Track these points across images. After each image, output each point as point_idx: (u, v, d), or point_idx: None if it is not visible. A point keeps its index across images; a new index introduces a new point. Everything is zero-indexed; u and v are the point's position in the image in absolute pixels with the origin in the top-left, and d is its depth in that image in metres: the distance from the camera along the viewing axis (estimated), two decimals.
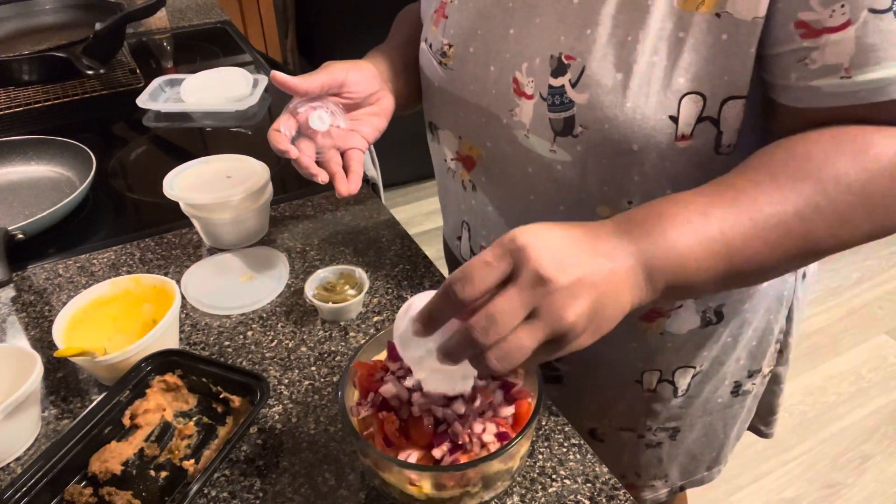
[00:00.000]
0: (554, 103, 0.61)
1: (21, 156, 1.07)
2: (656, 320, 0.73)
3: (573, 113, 0.59)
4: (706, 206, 0.50)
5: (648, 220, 0.49)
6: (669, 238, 0.48)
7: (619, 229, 0.49)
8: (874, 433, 1.86)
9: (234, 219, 0.86)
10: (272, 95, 1.30)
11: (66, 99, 1.30)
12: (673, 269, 0.48)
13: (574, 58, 0.58)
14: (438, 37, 0.71)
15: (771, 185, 0.51)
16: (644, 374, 0.79)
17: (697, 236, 0.49)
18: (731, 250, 0.49)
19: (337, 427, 0.66)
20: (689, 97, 0.56)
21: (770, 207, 0.50)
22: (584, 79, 0.58)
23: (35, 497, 0.57)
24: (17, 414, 0.62)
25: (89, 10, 1.49)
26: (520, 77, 0.63)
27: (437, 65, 0.72)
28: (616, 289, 0.46)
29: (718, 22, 0.53)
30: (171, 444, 0.63)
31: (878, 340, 2.14)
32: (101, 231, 0.96)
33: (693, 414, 0.84)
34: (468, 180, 0.76)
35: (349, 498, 0.59)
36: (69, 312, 0.71)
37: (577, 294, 0.44)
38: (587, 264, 0.45)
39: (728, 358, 0.80)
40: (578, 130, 0.60)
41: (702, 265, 0.49)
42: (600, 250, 0.47)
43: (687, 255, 0.48)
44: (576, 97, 0.59)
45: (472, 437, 0.54)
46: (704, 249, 0.49)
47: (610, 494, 0.59)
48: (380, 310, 0.79)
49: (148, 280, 0.75)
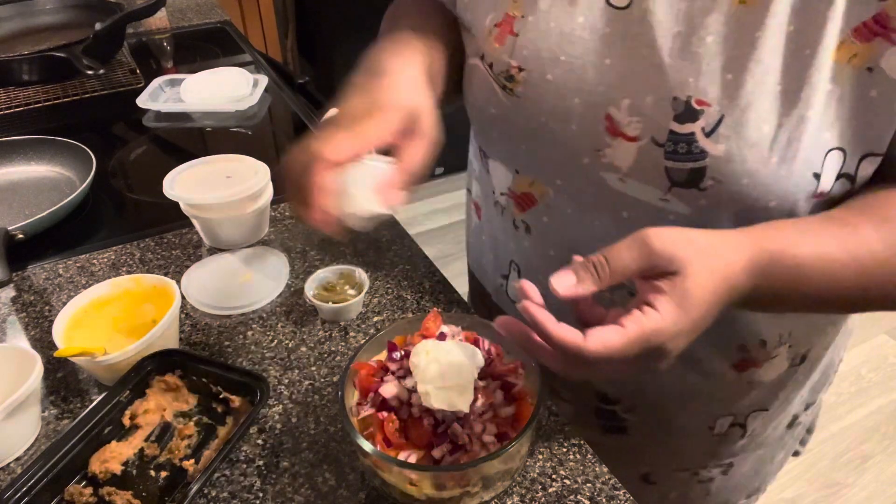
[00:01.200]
0: (677, 151, 0.54)
1: (21, 156, 1.07)
2: (748, 370, 0.69)
3: (705, 164, 0.53)
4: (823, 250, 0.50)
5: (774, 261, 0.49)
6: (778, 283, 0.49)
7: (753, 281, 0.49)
8: (874, 433, 1.86)
9: (234, 219, 0.86)
10: (272, 96, 1.30)
11: (66, 99, 1.30)
12: (770, 306, 0.52)
13: (709, 104, 0.52)
14: (504, 58, 0.61)
15: (884, 230, 0.51)
16: (718, 420, 0.75)
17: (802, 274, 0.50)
18: (830, 293, 0.51)
19: (337, 427, 0.66)
20: (832, 153, 0.52)
21: (883, 250, 0.50)
22: (721, 128, 0.52)
23: (35, 497, 0.57)
24: (17, 414, 0.62)
25: (89, 10, 1.49)
26: (615, 114, 0.56)
27: (498, 88, 0.63)
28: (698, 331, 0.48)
29: (869, 77, 0.49)
30: (171, 444, 0.63)
31: (878, 340, 2.14)
32: (101, 231, 0.96)
33: (749, 449, 0.81)
34: (520, 220, 0.70)
35: (349, 498, 0.59)
36: (69, 312, 0.71)
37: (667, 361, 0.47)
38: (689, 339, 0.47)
39: (796, 396, 0.77)
40: (708, 183, 0.54)
41: (793, 296, 0.51)
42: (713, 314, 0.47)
43: (785, 296, 0.51)
44: (709, 148, 0.52)
45: (472, 437, 0.54)
46: (801, 285, 0.50)
47: (610, 494, 0.59)
48: (380, 310, 0.79)
49: (148, 280, 0.75)
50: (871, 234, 0.50)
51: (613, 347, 0.44)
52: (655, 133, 0.55)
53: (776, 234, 0.50)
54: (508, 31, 0.61)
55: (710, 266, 0.46)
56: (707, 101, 0.52)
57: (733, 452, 0.80)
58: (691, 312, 0.45)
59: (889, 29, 0.48)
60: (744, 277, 0.47)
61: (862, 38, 0.49)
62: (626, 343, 0.44)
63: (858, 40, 0.49)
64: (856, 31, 0.49)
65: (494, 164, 0.71)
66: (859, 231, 0.50)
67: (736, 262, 0.47)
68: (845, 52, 0.49)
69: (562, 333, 0.44)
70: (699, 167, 0.53)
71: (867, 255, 0.50)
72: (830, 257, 0.50)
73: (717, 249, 0.47)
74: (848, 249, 0.50)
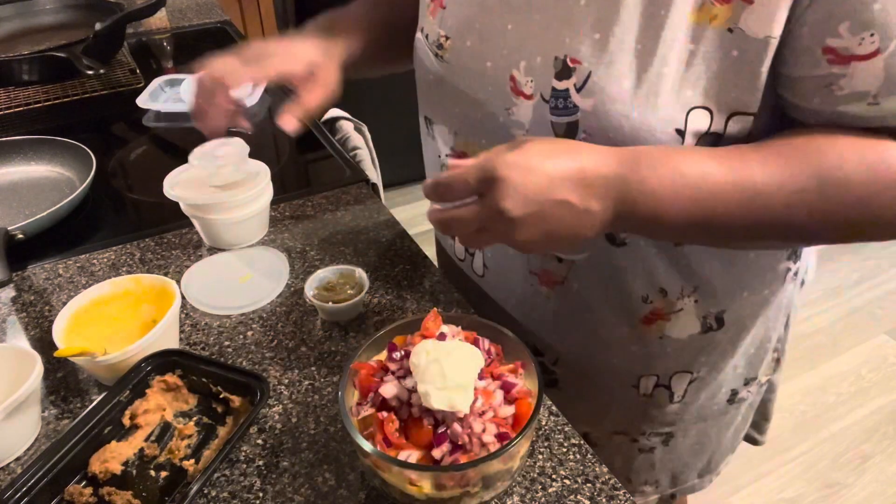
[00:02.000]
0: (557, 107, 0.59)
1: (21, 156, 1.07)
2: (655, 323, 0.72)
3: (577, 118, 0.58)
4: (704, 158, 0.53)
5: (645, 169, 0.52)
6: (657, 191, 0.52)
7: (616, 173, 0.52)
8: (874, 433, 1.86)
9: (234, 219, 0.86)
10: (272, 96, 1.30)
11: (66, 99, 1.30)
12: (651, 214, 0.53)
13: (580, 62, 0.57)
14: (435, 28, 0.70)
15: (772, 162, 0.52)
16: (641, 378, 0.78)
17: (681, 179, 0.52)
18: (712, 213, 0.53)
19: (337, 427, 0.66)
20: (696, 111, 0.55)
21: (761, 179, 0.52)
22: (589, 84, 0.57)
23: (35, 497, 0.57)
24: (17, 414, 0.62)
25: (89, 10, 1.49)
26: (517, 75, 0.62)
27: (432, 57, 0.71)
28: (574, 224, 0.52)
29: (730, 37, 0.52)
30: (171, 444, 0.63)
31: (877, 340, 2.14)
32: (101, 231, 0.96)
33: (688, 420, 0.83)
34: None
35: (349, 498, 0.59)
36: (69, 312, 0.71)
37: (527, 223, 0.51)
38: (550, 206, 0.51)
39: (726, 365, 0.79)
40: (582, 136, 0.59)
41: (678, 217, 0.53)
42: (577, 192, 0.51)
43: (667, 207, 0.52)
44: (580, 102, 0.58)
45: (472, 437, 0.54)
46: (685, 207, 0.52)
47: (610, 494, 0.59)
48: (380, 310, 0.79)
49: (148, 280, 0.75)
50: (757, 167, 0.53)
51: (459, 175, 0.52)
52: (543, 91, 0.60)
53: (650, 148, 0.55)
54: (440, 5, 0.69)
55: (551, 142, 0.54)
56: (578, 59, 0.57)
57: (668, 420, 0.83)
58: (524, 148, 0.51)
59: None
60: (597, 154, 0.52)
61: (721, 0, 0.52)
62: (468, 169, 0.52)
63: (718, 2, 0.52)
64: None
65: (439, 127, 0.76)
66: (745, 158, 0.53)
67: (585, 144, 0.54)
68: (705, 13, 0.53)
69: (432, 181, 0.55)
70: (573, 121, 0.59)
71: (748, 181, 0.52)
72: (712, 173, 0.52)
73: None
74: (732, 169, 0.52)
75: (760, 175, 0.52)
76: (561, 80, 0.59)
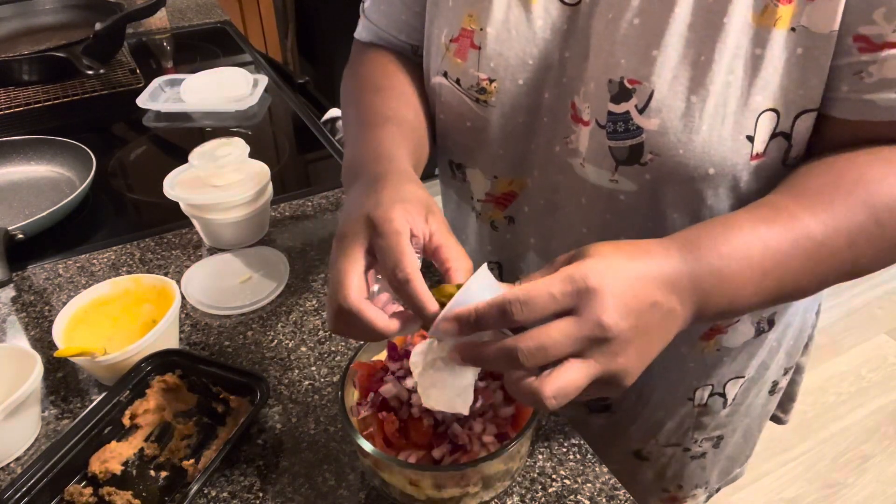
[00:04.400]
0: (616, 131, 0.56)
1: (21, 156, 1.07)
2: (714, 338, 0.71)
3: (641, 140, 0.56)
4: (756, 224, 0.50)
5: (710, 255, 0.48)
6: (727, 275, 0.48)
7: (685, 264, 0.47)
8: (874, 433, 1.86)
9: (234, 219, 0.86)
10: (272, 96, 1.30)
11: (66, 99, 1.30)
12: (726, 302, 0.49)
13: (639, 82, 0.54)
14: (471, 71, 0.63)
15: (821, 209, 0.50)
16: (697, 390, 0.77)
17: (753, 271, 0.49)
18: (782, 281, 0.50)
19: (337, 427, 0.66)
20: (764, 114, 0.54)
21: (818, 229, 0.50)
22: (653, 103, 0.54)
23: (35, 497, 0.57)
24: (17, 414, 0.62)
25: (89, 10, 1.49)
26: (577, 102, 0.59)
27: (471, 102, 0.64)
28: (666, 328, 0.47)
29: (794, 36, 0.51)
30: (171, 444, 0.63)
31: (878, 340, 2.14)
32: (101, 231, 0.96)
33: (737, 420, 0.83)
34: (502, 218, 0.72)
35: (349, 498, 0.59)
36: (69, 312, 0.71)
37: (631, 340, 0.44)
38: (646, 313, 0.45)
39: (773, 362, 0.79)
40: (648, 158, 0.56)
41: (752, 296, 0.49)
42: (662, 292, 0.46)
43: (740, 290, 0.49)
44: (644, 123, 0.55)
45: (472, 437, 0.54)
46: (757, 282, 0.49)
47: (610, 494, 0.59)
48: None
49: (148, 280, 0.75)
50: (805, 216, 0.50)
51: (536, 284, 0.43)
52: (598, 115, 0.58)
53: (702, 232, 0.50)
54: (469, 45, 0.63)
55: (615, 245, 0.47)
56: (637, 80, 0.55)
57: (720, 424, 0.82)
58: (600, 252, 0.45)
59: None
60: (659, 246, 0.47)
61: (783, 1, 0.51)
62: (547, 279, 0.43)
63: (780, 3, 0.51)
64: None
65: (473, 172, 0.71)
66: (795, 216, 0.51)
67: (649, 242, 0.48)
68: (769, 16, 0.51)
69: (491, 300, 0.44)
70: (637, 143, 0.56)
71: (806, 238, 0.50)
72: (772, 240, 0.50)
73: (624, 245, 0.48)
74: (788, 234, 0.50)
75: (815, 225, 0.50)
76: (619, 102, 0.56)
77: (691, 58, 0.53)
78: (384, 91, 0.68)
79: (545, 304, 0.43)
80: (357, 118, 0.66)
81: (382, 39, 0.75)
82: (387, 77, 0.70)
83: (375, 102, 0.66)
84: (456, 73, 0.64)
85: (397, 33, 0.73)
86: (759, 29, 0.52)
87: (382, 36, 0.74)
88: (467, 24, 0.63)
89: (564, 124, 0.61)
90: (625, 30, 0.55)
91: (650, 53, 0.54)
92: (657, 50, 0.54)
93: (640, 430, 0.81)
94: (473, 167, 0.71)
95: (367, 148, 0.60)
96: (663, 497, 0.90)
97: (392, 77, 0.70)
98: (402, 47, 0.74)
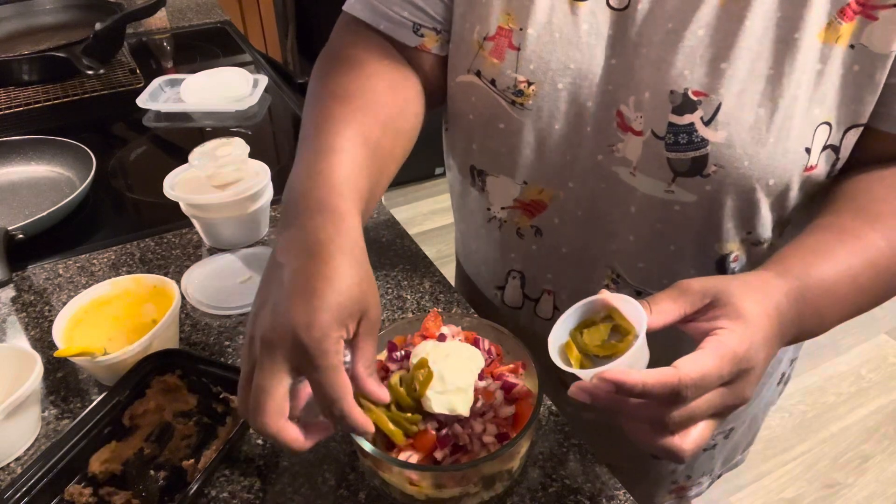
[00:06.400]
0: (679, 142, 0.56)
1: (21, 156, 1.07)
2: None
3: (706, 152, 0.56)
4: (840, 261, 0.51)
5: (811, 295, 0.49)
6: (826, 315, 0.51)
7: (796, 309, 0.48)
8: (874, 433, 1.87)
9: (234, 219, 0.86)
10: (272, 96, 1.30)
11: (66, 99, 1.30)
12: (815, 324, 0.51)
13: (706, 94, 0.54)
14: (508, 72, 0.61)
15: (885, 226, 0.52)
16: None
17: (840, 305, 0.51)
18: (858, 302, 0.52)
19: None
20: (821, 127, 0.55)
21: (890, 251, 0.52)
22: (720, 116, 0.54)
23: (35, 497, 0.57)
24: (17, 414, 0.62)
25: (89, 10, 1.49)
26: (625, 111, 0.59)
27: (505, 104, 0.63)
28: (769, 363, 0.48)
29: (852, 53, 0.53)
30: (171, 444, 0.63)
31: (878, 340, 2.14)
32: (101, 231, 0.96)
33: (747, 412, 0.85)
34: (529, 226, 0.71)
35: (349, 498, 0.59)
36: (69, 312, 0.71)
37: (754, 387, 0.46)
38: (766, 361, 0.46)
39: (785, 355, 0.81)
40: (712, 170, 0.56)
41: (832, 320, 0.52)
42: (779, 339, 0.47)
43: (827, 316, 0.51)
44: (710, 135, 0.55)
45: (472, 437, 0.54)
46: (839, 311, 0.52)
47: (610, 494, 0.59)
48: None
49: (148, 280, 0.75)
50: (873, 236, 0.52)
51: (707, 366, 0.42)
52: (655, 127, 0.57)
53: (797, 264, 0.50)
54: (507, 45, 0.60)
55: (750, 285, 0.47)
56: (703, 91, 0.54)
57: (733, 417, 0.84)
58: (755, 321, 0.45)
59: (868, 6, 0.51)
60: (785, 301, 0.48)
61: (846, 18, 0.52)
62: (717, 360, 0.43)
63: (843, 20, 0.52)
64: (840, 12, 0.52)
65: (497, 179, 0.70)
66: (863, 236, 0.52)
67: (775, 288, 0.48)
68: (832, 33, 0.52)
69: (655, 373, 0.42)
70: (701, 155, 0.56)
71: (879, 257, 0.52)
72: (852, 271, 0.51)
73: (751, 280, 0.48)
74: (863, 258, 0.52)
75: (882, 243, 0.52)
76: (682, 114, 0.55)
77: (761, 71, 0.53)
78: (351, 101, 0.59)
79: (713, 385, 0.43)
80: (315, 125, 0.58)
81: (378, 14, 0.66)
82: (359, 80, 0.62)
83: (337, 114, 0.58)
84: (491, 73, 0.62)
85: (399, 9, 0.65)
86: (822, 45, 0.53)
87: (379, 9, 0.65)
88: (505, 22, 0.60)
89: (609, 133, 0.60)
90: (689, 41, 0.55)
91: (718, 66, 0.54)
92: (726, 63, 0.54)
93: None
94: (497, 175, 0.69)
95: (315, 178, 0.52)
96: (671, 488, 0.91)
97: (367, 80, 0.62)
98: (400, 23, 0.65)
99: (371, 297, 0.49)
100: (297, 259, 0.47)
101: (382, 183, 0.60)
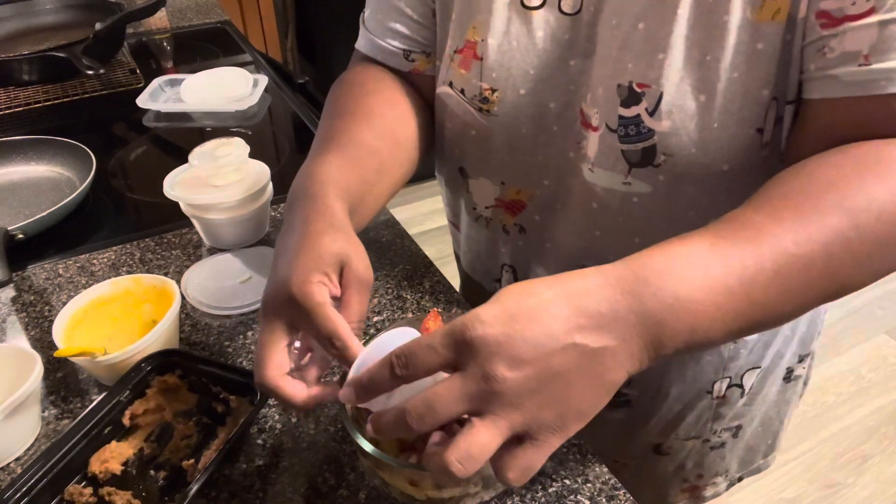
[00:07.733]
0: (628, 134, 0.57)
1: (21, 156, 1.07)
2: None
3: (654, 142, 0.57)
4: (724, 252, 0.44)
5: (659, 277, 0.42)
6: (682, 296, 0.42)
7: (622, 291, 0.42)
8: (874, 433, 1.87)
9: (234, 219, 0.86)
10: (272, 96, 1.30)
11: (66, 99, 1.30)
12: (687, 329, 0.42)
13: (648, 85, 0.56)
14: (473, 82, 0.64)
15: (794, 222, 0.45)
16: (715, 383, 0.78)
17: (715, 291, 0.43)
18: (752, 301, 0.44)
19: (337, 427, 0.66)
20: (770, 105, 0.54)
21: (795, 248, 0.44)
22: (663, 105, 0.55)
23: (35, 497, 0.57)
24: (17, 414, 0.62)
25: (89, 10, 1.49)
26: (586, 108, 0.60)
27: (474, 111, 0.66)
28: (596, 370, 0.41)
29: (787, 26, 0.52)
30: (171, 444, 0.63)
31: (878, 340, 2.14)
32: (101, 231, 0.96)
33: (754, 409, 0.85)
34: (513, 224, 0.73)
35: (349, 498, 0.59)
36: (69, 312, 0.71)
37: (534, 389, 0.40)
38: (555, 356, 0.40)
39: (787, 350, 0.81)
40: (661, 159, 0.57)
41: (717, 320, 0.43)
42: (584, 332, 0.41)
43: (702, 314, 0.42)
44: (655, 125, 0.56)
45: None
46: (721, 304, 0.43)
47: (610, 494, 0.59)
48: (380, 310, 0.79)
49: (148, 280, 0.75)
50: (775, 228, 0.45)
51: (419, 340, 0.42)
52: (608, 120, 0.58)
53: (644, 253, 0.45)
54: (472, 56, 0.64)
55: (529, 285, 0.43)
56: (646, 83, 0.56)
57: (738, 414, 0.83)
58: (495, 299, 0.42)
59: None
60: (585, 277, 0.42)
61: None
62: (433, 334, 0.41)
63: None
64: None
65: (479, 181, 0.72)
66: (755, 223, 0.45)
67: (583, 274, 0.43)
68: (768, 11, 0.52)
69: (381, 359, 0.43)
70: (649, 145, 0.57)
71: (777, 246, 0.44)
72: (734, 255, 0.44)
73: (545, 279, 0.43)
74: (751, 240, 0.44)
75: (783, 234, 0.44)
76: (629, 106, 0.57)
77: (696, 58, 0.54)
78: (348, 116, 0.67)
79: (427, 358, 0.41)
80: (318, 137, 0.67)
81: (376, 47, 0.74)
82: (358, 98, 0.70)
83: (335, 126, 0.67)
84: (460, 83, 0.66)
85: (391, 39, 0.73)
86: (758, 24, 0.52)
87: (376, 43, 0.74)
88: (471, 35, 0.64)
89: (575, 131, 0.62)
90: (630, 35, 0.56)
91: (656, 57, 0.55)
92: (663, 53, 0.55)
93: (659, 425, 0.82)
94: (478, 177, 0.72)
95: (307, 175, 0.60)
96: (683, 487, 0.91)
97: (365, 98, 0.70)
98: (392, 53, 0.73)
99: (352, 250, 0.53)
100: (285, 235, 0.55)
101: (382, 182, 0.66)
